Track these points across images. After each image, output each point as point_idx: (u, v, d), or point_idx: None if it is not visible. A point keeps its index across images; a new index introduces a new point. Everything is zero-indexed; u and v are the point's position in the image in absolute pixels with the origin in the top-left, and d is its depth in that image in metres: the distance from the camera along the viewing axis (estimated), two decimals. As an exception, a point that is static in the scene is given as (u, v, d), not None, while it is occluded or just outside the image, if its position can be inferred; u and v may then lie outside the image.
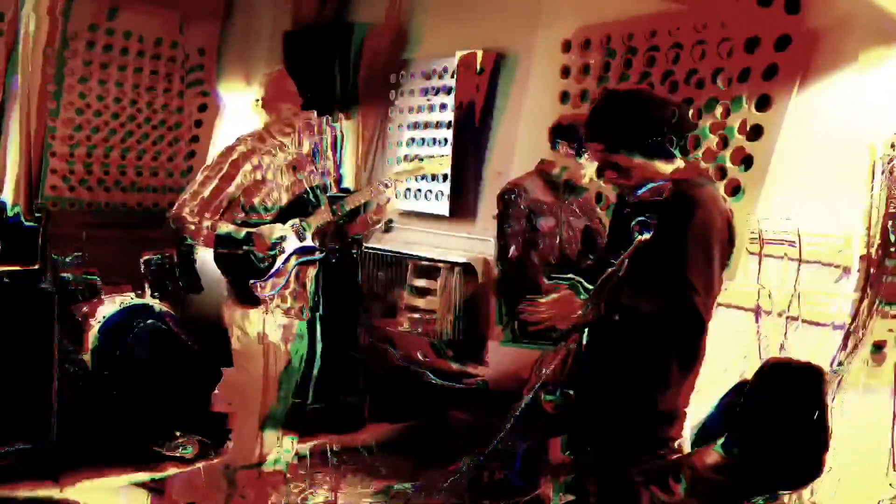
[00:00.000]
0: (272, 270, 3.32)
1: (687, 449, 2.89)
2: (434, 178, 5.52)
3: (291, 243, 3.36)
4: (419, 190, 5.75)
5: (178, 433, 3.93)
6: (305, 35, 6.23)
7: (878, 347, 3.19)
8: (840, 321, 3.31)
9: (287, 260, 3.34)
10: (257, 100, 3.54)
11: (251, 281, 3.30)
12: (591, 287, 2.58)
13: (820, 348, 3.33)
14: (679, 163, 2.64)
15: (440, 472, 3.40)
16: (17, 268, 4.24)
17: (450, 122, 5.54)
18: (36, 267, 4.33)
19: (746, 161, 3.74)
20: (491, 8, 5.48)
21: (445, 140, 5.58)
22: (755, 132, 3.70)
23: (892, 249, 3.11)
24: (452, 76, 5.64)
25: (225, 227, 3.26)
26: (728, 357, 3.30)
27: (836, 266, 3.35)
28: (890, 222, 3.08)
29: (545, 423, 2.96)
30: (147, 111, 6.86)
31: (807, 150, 3.53)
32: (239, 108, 6.72)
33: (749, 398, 2.88)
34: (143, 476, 3.82)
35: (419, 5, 6.04)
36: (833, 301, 3.32)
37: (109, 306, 4.64)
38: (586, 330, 2.65)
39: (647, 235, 2.46)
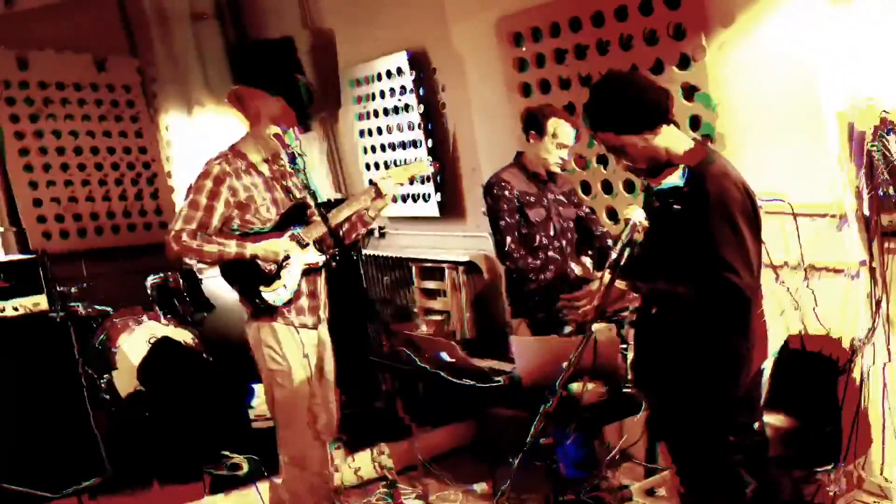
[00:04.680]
0: (281, 280, 3.28)
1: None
2: (413, 181, 5.52)
3: (294, 252, 3.33)
4: (408, 194, 5.77)
5: (225, 454, 3.95)
6: (258, 50, 6.15)
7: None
8: (854, 269, 3.36)
9: (291, 266, 3.30)
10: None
11: (261, 290, 3.26)
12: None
13: (846, 296, 3.37)
14: (689, 143, 2.65)
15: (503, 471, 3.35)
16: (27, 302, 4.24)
17: (410, 123, 5.57)
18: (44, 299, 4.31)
19: (695, 123, 3.79)
20: (402, 9, 5.44)
21: (414, 142, 5.61)
22: (690, 93, 3.78)
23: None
24: (390, 77, 5.60)
25: (229, 244, 3.23)
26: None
27: (831, 216, 3.39)
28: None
29: (582, 413, 2.99)
30: (95, 157, 6.93)
31: (754, 108, 3.60)
32: (190, 132, 6.91)
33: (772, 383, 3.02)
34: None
35: (326, 15, 6.07)
36: (842, 249, 3.37)
37: (137, 343, 4.60)
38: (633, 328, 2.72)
39: (642, 220, 2.50)
